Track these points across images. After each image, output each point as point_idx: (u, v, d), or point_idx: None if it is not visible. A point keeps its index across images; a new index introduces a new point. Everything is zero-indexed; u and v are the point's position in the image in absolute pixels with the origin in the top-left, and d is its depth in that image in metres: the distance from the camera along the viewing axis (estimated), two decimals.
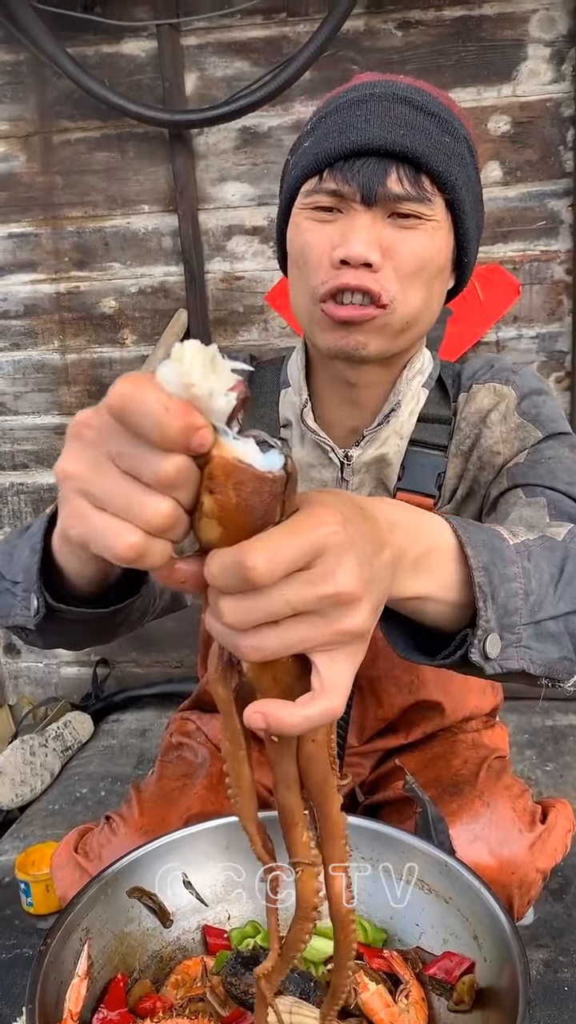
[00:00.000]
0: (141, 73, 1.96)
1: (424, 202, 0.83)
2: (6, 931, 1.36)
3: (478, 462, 0.95)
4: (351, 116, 0.83)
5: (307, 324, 0.90)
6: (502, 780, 0.99)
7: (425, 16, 1.86)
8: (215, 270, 2.06)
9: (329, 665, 0.45)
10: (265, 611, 0.42)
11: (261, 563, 0.40)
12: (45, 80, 1.98)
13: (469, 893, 0.78)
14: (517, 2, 1.83)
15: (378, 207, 0.83)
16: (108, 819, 1.03)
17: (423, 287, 0.85)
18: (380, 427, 0.94)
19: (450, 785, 0.98)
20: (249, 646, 0.43)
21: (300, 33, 1.89)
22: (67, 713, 2.08)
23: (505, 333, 1.99)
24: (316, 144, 0.85)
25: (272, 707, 0.44)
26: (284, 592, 0.42)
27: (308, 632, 0.43)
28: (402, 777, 0.98)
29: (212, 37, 1.93)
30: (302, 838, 0.51)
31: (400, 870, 0.84)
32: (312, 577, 0.42)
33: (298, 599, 0.42)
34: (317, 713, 0.44)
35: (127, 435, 0.39)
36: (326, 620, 0.43)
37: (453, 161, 0.84)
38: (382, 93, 0.84)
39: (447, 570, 0.60)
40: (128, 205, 2.04)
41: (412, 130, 0.82)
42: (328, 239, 0.84)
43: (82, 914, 0.78)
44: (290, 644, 0.43)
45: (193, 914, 0.87)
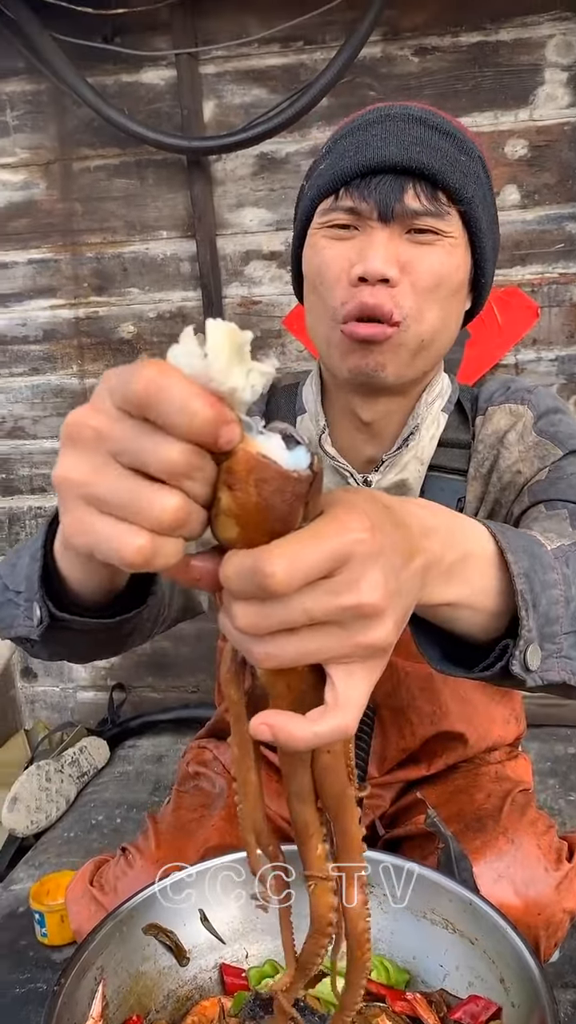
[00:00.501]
0: (160, 101, 1.98)
1: (442, 217, 0.83)
2: (20, 964, 1.34)
3: (498, 483, 0.94)
4: (367, 136, 0.84)
5: (325, 348, 0.89)
6: (527, 815, 0.96)
7: (442, 42, 1.87)
8: (233, 295, 2.06)
9: (345, 679, 0.42)
10: (281, 619, 0.40)
11: (280, 570, 0.37)
12: (65, 109, 2.01)
13: (495, 934, 0.75)
14: (533, 27, 1.84)
15: (395, 223, 0.82)
16: (124, 851, 1.01)
17: (440, 305, 0.85)
18: (399, 452, 0.93)
19: (473, 820, 0.96)
20: (263, 653, 0.41)
21: (317, 60, 1.90)
22: (83, 738, 2.06)
23: (524, 356, 1.98)
24: (332, 165, 0.85)
25: (280, 720, 0.42)
26: (303, 600, 0.39)
27: (326, 643, 0.41)
28: (423, 811, 0.95)
29: (230, 65, 1.95)
30: (316, 851, 0.49)
31: (423, 908, 0.82)
32: (334, 586, 0.40)
33: (318, 609, 0.40)
34: (328, 730, 0.42)
35: (137, 427, 0.37)
36: (346, 632, 0.41)
37: (469, 178, 0.84)
38: (397, 114, 0.84)
39: (484, 576, 0.58)
40: (147, 231, 2.06)
41: (428, 148, 0.82)
42: (346, 257, 0.84)
43: (97, 952, 0.76)
44: (306, 654, 0.41)
45: (210, 952, 0.85)
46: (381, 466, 0.94)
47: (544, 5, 1.82)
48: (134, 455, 0.37)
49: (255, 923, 0.87)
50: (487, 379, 1.02)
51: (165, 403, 0.36)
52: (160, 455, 0.36)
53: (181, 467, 0.36)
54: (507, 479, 0.93)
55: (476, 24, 1.85)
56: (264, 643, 0.41)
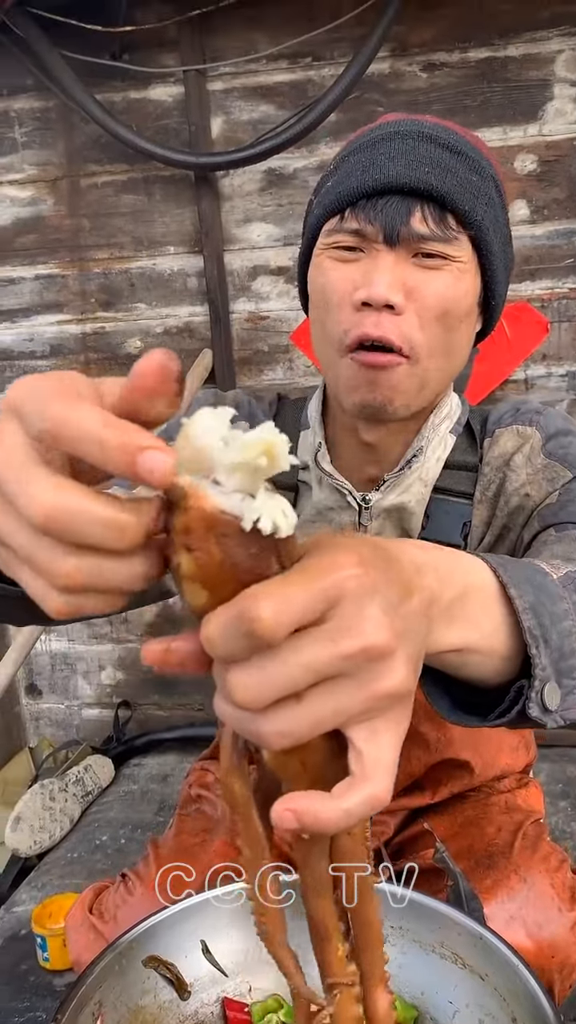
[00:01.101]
0: (168, 118, 1.98)
1: (450, 242, 0.80)
2: (21, 991, 1.32)
3: (506, 507, 0.91)
4: (374, 154, 0.81)
5: (331, 375, 0.87)
6: (539, 851, 0.93)
7: (450, 58, 1.87)
8: (240, 310, 2.06)
9: (370, 740, 0.38)
10: (283, 680, 0.35)
11: (267, 613, 0.34)
12: (73, 126, 2.01)
13: (506, 970, 0.72)
14: (543, 43, 1.84)
15: (401, 247, 0.80)
16: (124, 877, 0.99)
17: (448, 332, 0.82)
18: (402, 472, 0.90)
19: (484, 857, 0.93)
20: (273, 732, 0.36)
21: (325, 76, 1.90)
22: (88, 757, 2.04)
23: (534, 371, 1.96)
24: (338, 183, 0.83)
25: (304, 803, 0.37)
26: (302, 654, 0.35)
27: (340, 701, 0.36)
28: (431, 843, 0.92)
29: (238, 82, 1.95)
30: (337, 952, 0.44)
31: (432, 941, 0.79)
32: (332, 632, 0.36)
33: (319, 660, 0.35)
34: (360, 803, 0.37)
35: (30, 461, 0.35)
36: (357, 683, 0.36)
37: (480, 200, 0.81)
38: (407, 131, 0.81)
39: (488, 613, 0.53)
40: (154, 247, 2.05)
41: (437, 168, 0.79)
42: (350, 280, 0.81)
43: (95, 986, 0.74)
44: (321, 720, 0.36)
45: (212, 985, 0.83)
46: (382, 485, 0.91)
47: (553, 21, 1.82)
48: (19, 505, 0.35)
49: (259, 955, 0.84)
50: (497, 395, 0.99)
51: (73, 438, 0.33)
52: (30, 506, 0.33)
53: (42, 516, 0.33)
54: (515, 503, 0.90)
55: (485, 40, 1.85)
56: (271, 719, 0.36)
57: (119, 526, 0.34)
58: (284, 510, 0.34)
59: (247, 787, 0.41)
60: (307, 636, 0.36)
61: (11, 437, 0.36)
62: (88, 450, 0.33)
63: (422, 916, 0.80)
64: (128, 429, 0.33)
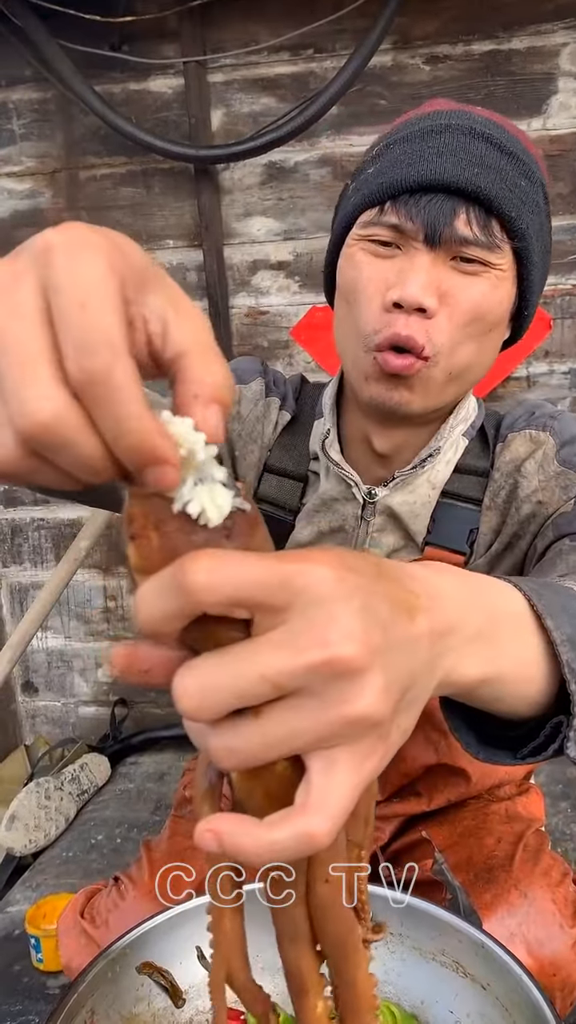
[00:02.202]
0: (167, 110, 1.96)
1: (492, 249, 0.77)
2: (13, 993, 1.30)
3: (517, 514, 0.88)
4: (422, 147, 0.77)
5: (351, 369, 0.84)
6: (540, 864, 0.90)
7: (453, 51, 1.85)
8: (240, 305, 2.04)
9: (324, 772, 0.32)
10: (232, 688, 0.31)
11: (202, 569, 0.30)
12: (72, 117, 1.99)
13: (509, 980, 0.71)
14: (547, 36, 1.81)
15: (441, 249, 0.76)
16: (116, 880, 0.97)
17: (476, 339, 0.80)
18: (413, 472, 0.88)
19: (483, 870, 0.90)
20: (221, 748, 0.32)
21: (327, 69, 1.88)
22: (84, 755, 2.02)
23: (536, 368, 1.94)
24: (381, 173, 0.79)
25: (228, 825, 0.33)
26: (257, 659, 0.31)
27: (298, 722, 0.32)
28: (429, 852, 0.90)
29: (238, 74, 1.93)
30: (316, 1009, 0.39)
31: (432, 949, 0.78)
32: (295, 637, 0.31)
33: (277, 670, 0.31)
34: (289, 837, 0.32)
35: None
36: (321, 703, 0.32)
37: (527, 207, 0.78)
38: (458, 125, 0.77)
39: (520, 643, 0.48)
40: (153, 240, 2.03)
41: (487, 169, 0.75)
42: (383, 277, 0.78)
43: (87, 994, 0.72)
44: (275, 741, 0.32)
45: (207, 992, 0.81)
46: (391, 482, 0.89)
47: (558, 13, 1.79)
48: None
49: (255, 961, 0.82)
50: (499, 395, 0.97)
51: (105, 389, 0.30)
52: (21, 415, 0.30)
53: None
54: (526, 510, 0.87)
55: (488, 32, 1.83)
56: (221, 734, 0.32)
57: (97, 469, 0.32)
58: (217, 501, 0.32)
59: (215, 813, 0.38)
60: (265, 641, 0.31)
61: (28, 306, 0.31)
62: (106, 422, 0.31)
63: (422, 923, 0.78)
64: (152, 433, 0.31)
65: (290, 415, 0.96)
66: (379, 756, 0.34)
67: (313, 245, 1.98)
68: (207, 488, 0.33)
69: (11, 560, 2.22)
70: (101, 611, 2.22)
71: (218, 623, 0.32)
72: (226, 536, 0.33)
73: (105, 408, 0.30)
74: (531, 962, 0.83)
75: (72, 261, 0.31)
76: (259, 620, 0.32)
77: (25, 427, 0.30)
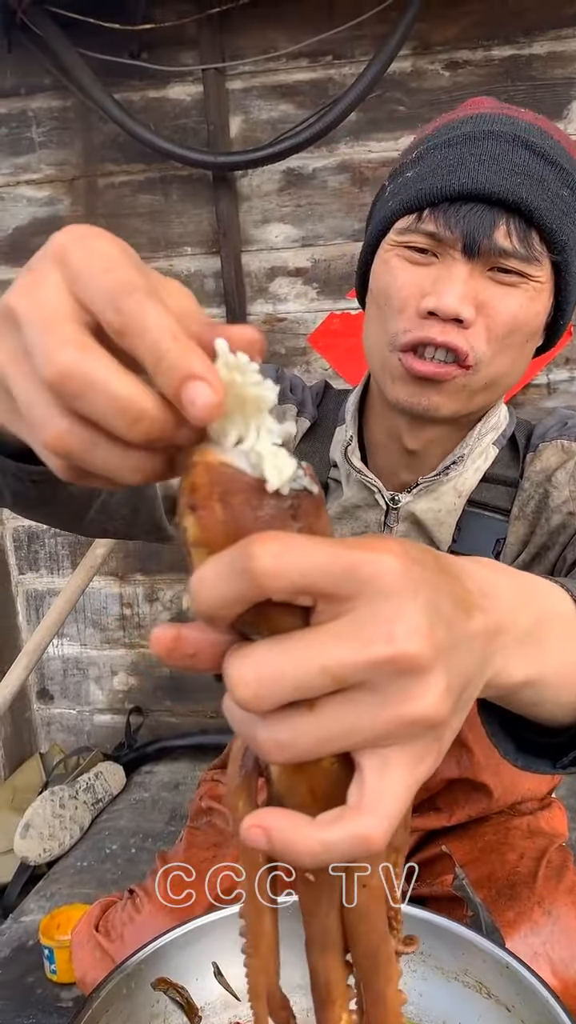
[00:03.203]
0: (186, 117, 1.96)
1: (531, 262, 0.75)
2: (26, 1005, 1.29)
3: (547, 525, 0.86)
4: (464, 153, 0.75)
5: (378, 370, 0.83)
6: (564, 880, 0.88)
7: (473, 56, 1.83)
8: (257, 312, 2.03)
9: (378, 771, 0.31)
10: (293, 678, 0.29)
11: (270, 553, 0.28)
12: (91, 125, 1.99)
13: (534, 1003, 0.68)
14: (568, 40, 1.80)
15: (479, 260, 0.75)
16: (132, 893, 0.95)
17: (512, 350, 0.78)
18: (438, 478, 0.86)
19: (505, 887, 0.88)
20: (271, 741, 0.30)
21: (346, 75, 1.87)
22: (99, 763, 2.01)
23: (556, 375, 1.92)
24: (420, 178, 0.77)
25: (278, 821, 0.31)
26: (321, 650, 0.29)
27: (355, 718, 0.30)
28: (450, 868, 0.88)
29: (257, 81, 1.92)
30: (340, 1021, 0.37)
31: (454, 969, 0.75)
32: (359, 628, 0.30)
33: (341, 662, 0.29)
34: (344, 839, 0.30)
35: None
36: (380, 698, 0.30)
37: (568, 219, 0.76)
38: (501, 132, 0.75)
39: (567, 644, 0.46)
40: (171, 247, 2.03)
41: (529, 179, 0.73)
42: (418, 284, 0.77)
43: (101, 1010, 0.71)
44: (330, 737, 0.30)
45: (224, 1010, 0.79)
46: (414, 488, 0.87)
47: None
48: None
49: None
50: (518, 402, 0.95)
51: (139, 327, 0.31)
52: (46, 360, 0.31)
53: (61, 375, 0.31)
54: (556, 521, 0.85)
55: (509, 38, 1.81)
56: (273, 726, 0.30)
57: (134, 413, 0.31)
58: (279, 463, 0.31)
59: (252, 809, 0.35)
60: (328, 631, 0.30)
61: (52, 291, 0.32)
62: (145, 353, 0.31)
63: (445, 941, 0.76)
64: (190, 350, 0.30)
65: (309, 422, 0.95)
66: (433, 758, 0.33)
67: (331, 252, 1.97)
68: (265, 442, 0.31)
69: (27, 567, 2.22)
70: (117, 618, 2.21)
71: (277, 608, 0.30)
72: (292, 516, 0.31)
73: (143, 338, 0.31)
74: (556, 983, 0.81)
75: (88, 248, 0.32)
76: (322, 608, 0.30)
77: (51, 375, 0.30)
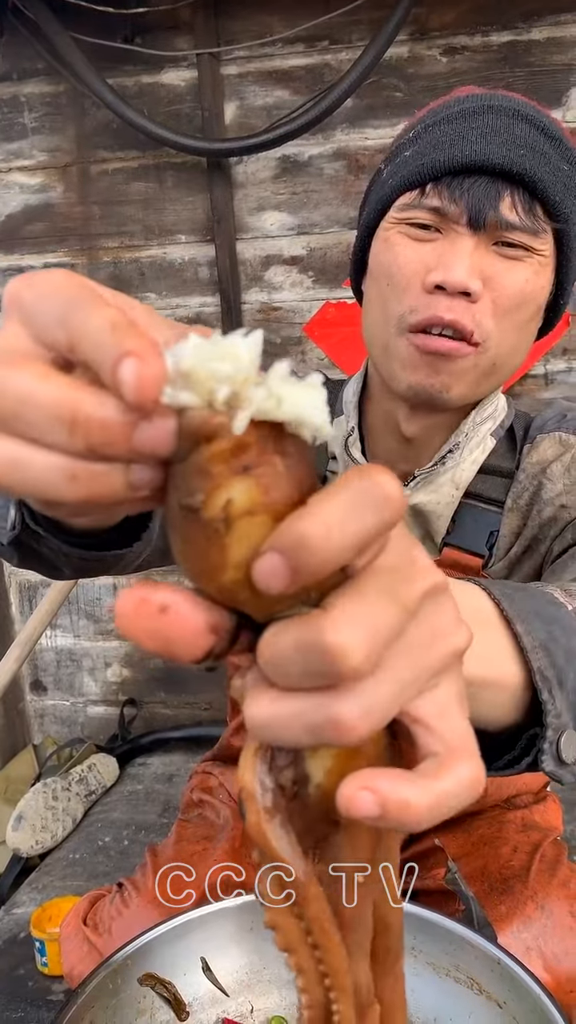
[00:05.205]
0: (180, 103, 1.93)
1: (537, 234, 0.74)
2: (15, 998, 1.28)
3: (538, 517, 0.85)
4: (465, 127, 0.74)
5: (381, 356, 0.81)
6: (557, 875, 0.87)
7: (471, 42, 1.81)
8: (252, 300, 2.01)
9: (443, 716, 0.29)
10: (395, 620, 0.27)
11: (393, 482, 0.26)
12: (84, 111, 1.97)
13: (528, 1000, 0.68)
14: (567, 26, 1.78)
15: (485, 233, 0.74)
16: (120, 887, 0.94)
17: (519, 327, 0.77)
18: (435, 470, 0.85)
19: (498, 881, 0.87)
20: (358, 712, 0.26)
21: (342, 61, 1.85)
22: (92, 755, 2.00)
23: (554, 366, 1.91)
24: (421, 154, 0.75)
25: (388, 783, 0.27)
26: (392, 591, 0.27)
27: (416, 660, 0.28)
28: (442, 861, 0.87)
29: (252, 66, 1.90)
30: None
31: (446, 965, 0.74)
32: (397, 568, 0.28)
33: (408, 598, 0.28)
34: (460, 785, 0.28)
35: None
36: (429, 632, 0.29)
37: (569, 192, 0.75)
38: (500, 106, 0.74)
39: (485, 642, 0.44)
40: (165, 235, 2.01)
41: (532, 152, 0.72)
42: (422, 260, 0.75)
43: (87, 1006, 0.70)
44: (403, 688, 0.28)
45: (212, 1005, 0.78)
46: (411, 481, 0.86)
47: None
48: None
49: (261, 973, 0.80)
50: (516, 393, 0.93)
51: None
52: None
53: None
54: (548, 514, 0.84)
55: (507, 23, 1.79)
56: (358, 694, 0.26)
57: (66, 416, 0.26)
58: (312, 401, 0.28)
59: (288, 842, 0.29)
60: (390, 571, 0.28)
61: (9, 337, 0.29)
62: (90, 355, 0.27)
63: (436, 937, 0.75)
64: (127, 334, 0.26)
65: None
66: (462, 686, 0.31)
67: (327, 240, 1.95)
68: (283, 386, 0.28)
69: None
70: (111, 609, 2.20)
71: None
72: (303, 453, 0.28)
73: (86, 342, 0.27)
74: (548, 978, 0.80)
75: (35, 284, 0.29)
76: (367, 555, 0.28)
77: (5, 408, 0.27)
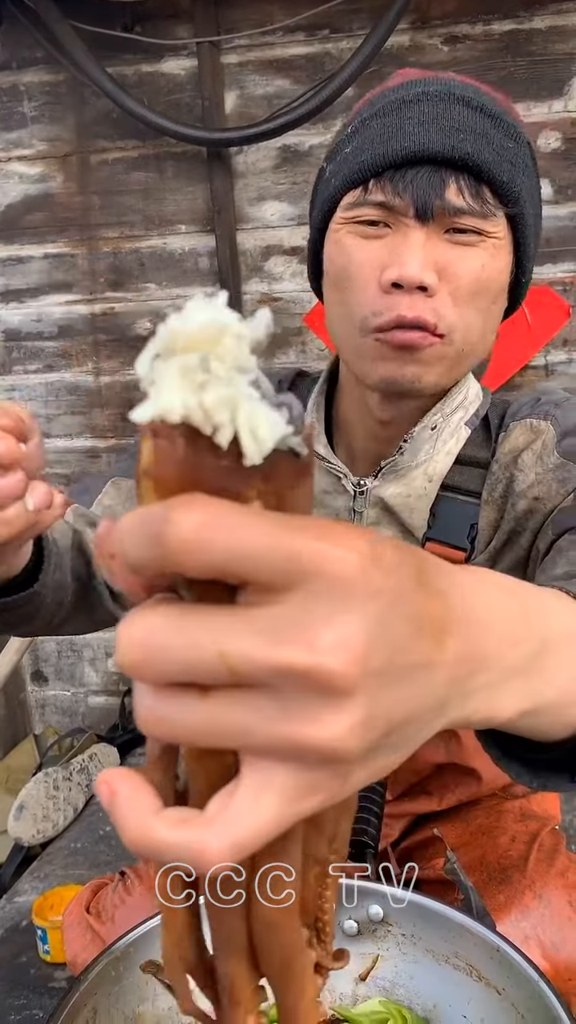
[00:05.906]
0: (180, 92, 1.93)
1: (487, 217, 0.73)
2: (18, 986, 1.29)
3: (513, 510, 0.83)
4: (401, 118, 0.73)
5: (350, 355, 0.80)
6: (555, 864, 0.87)
7: (473, 30, 1.80)
8: (252, 291, 2.01)
9: (253, 790, 0.26)
10: (186, 653, 0.25)
11: (189, 521, 0.24)
12: (83, 100, 1.96)
13: (526, 986, 0.68)
14: (569, 15, 1.77)
15: (434, 223, 0.73)
16: (123, 875, 0.95)
17: (481, 313, 0.76)
18: (395, 460, 0.83)
19: (497, 871, 0.87)
20: (151, 711, 0.26)
21: (343, 49, 1.84)
22: (93, 745, 2.01)
23: (554, 357, 1.91)
24: (360, 150, 0.75)
25: (126, 791, 0.27)
26: (224, 635, 0.25)
27: (248, 722, 0.26)
28: (441, 851, 0.87)
29: (252, 55, 1.89)
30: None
31: (445, 952, 0.75)
32: (277, 623, 0.25)
33: (243, 651, 0.25)
34: (176, 843, 0.26)
35: None
36: (281, 710, 0.25)
37: (517, 170, 0.74)
38: (436, 92, 0.73)
39: (571, 667, 0.41)
40: (165, 225, 2.01)
41: (473, 135, 0.71)
42: (376, 258, 0.74)
43: (90, 992, 0.70)
44: (214, 731, 0.26)
45: None
46: (379, 471, 0.84)
47: None
48: None
49: None
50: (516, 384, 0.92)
51: None
52: None
53: None
54: (523, 506, 0.82)
55: (509, 12, 1.78)
56: (160, 699, 0.26)
57: None
58: (256, 424, 0.25)
59: (170, 780, 0.31)
60: (243, 617, 0.25)
61: None
62: None
63: (435, 924, 0.76)
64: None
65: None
66: (326, 796, 0.27)
67: None
68: (239, 399, 0.25)
69: None
70: None
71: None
72: (263, 477, 0.26)
73: None
74: (546, 966, 0.81)
75: None
76: (251, 591, 0.26)
77: None
